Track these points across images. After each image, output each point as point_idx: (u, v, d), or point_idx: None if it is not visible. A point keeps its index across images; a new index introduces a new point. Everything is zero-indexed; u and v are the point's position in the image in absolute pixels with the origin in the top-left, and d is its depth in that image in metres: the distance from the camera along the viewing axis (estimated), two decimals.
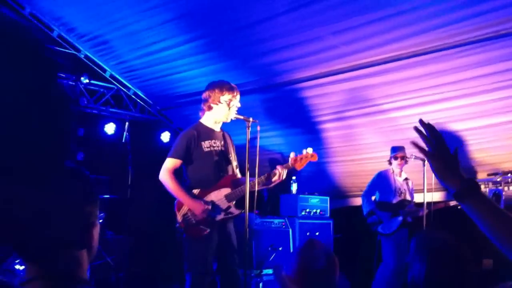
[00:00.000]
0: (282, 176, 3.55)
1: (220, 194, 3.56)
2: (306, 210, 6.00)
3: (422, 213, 4.99)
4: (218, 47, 5.01)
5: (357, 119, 5.67)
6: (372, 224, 5.27)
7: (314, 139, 6.06)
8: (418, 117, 1.40)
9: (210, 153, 3.61)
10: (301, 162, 3.61)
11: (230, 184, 3.60)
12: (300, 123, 6.11)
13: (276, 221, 5.67)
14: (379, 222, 5.21)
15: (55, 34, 5.44)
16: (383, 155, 5.64)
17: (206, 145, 3.61)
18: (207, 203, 3.49)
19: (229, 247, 3.61)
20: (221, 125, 3.77)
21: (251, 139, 3.44)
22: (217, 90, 3.60)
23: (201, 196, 3.54)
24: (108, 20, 4.91)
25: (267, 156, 6.59)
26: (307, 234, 5.75)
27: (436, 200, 5.39)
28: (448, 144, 1.36)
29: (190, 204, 3.48)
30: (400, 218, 5.13)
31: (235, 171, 3.74)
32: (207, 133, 3.66)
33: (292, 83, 5.33)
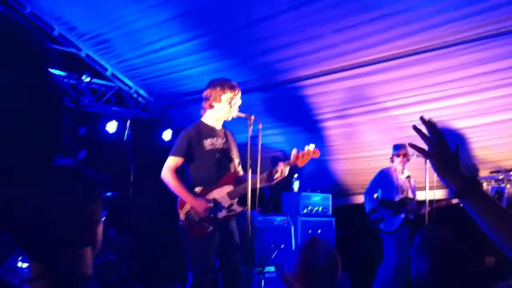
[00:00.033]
0: (284, 173, 3.55)
1: (223, 192, 3.56)
2: (308, 208, 6.01)
3: (424, 211, 4.99)
4: (219, 46, 5.00)
5: (359, 117, 5.67)
6: (374, 222, 5.27)
7: (316, 137, 6.05)
8: (420, 115, 1.40)
9: (212, 151, 3.61)
10: (303, 159, 3.61)
11: (233, 182, 3.60)
12: (302, 121, 6.11)
13: (278, 219, 5.67)
14: (381, 220, 5.21)
15: (56, 33, 5.45)
16: (385, 153, 5.64)
17: (208, 144, 3.61)
18: (209, 201, 3.49)
19: (232, 245, 3.61)
20: (223, 123, 3.76)
21: (253, 137, 3.44)
22: (219, 89, 3.59)
23: (204, 194, 3.54)
24: (109, 19, 4.91)
25: (269, 154, 6.59)
26: (309, 232, 5.75)
27: (438, 198, 5.38)
28: (449, 142, 1.36)
29: (193, 202, 3.48)
30: (402, 216, 5.13)
31: (237, 169, 3.73)
32: (209, 132, 3.66)
33: (293, 82, 5.32)
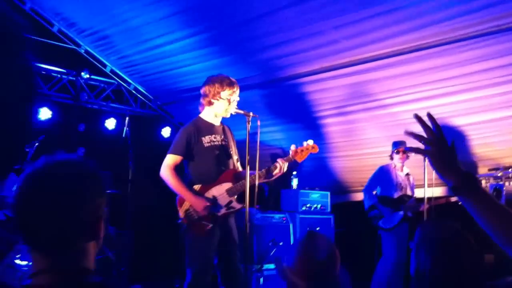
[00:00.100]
0: (283, 169, 3.53)
1: (222, 189, 3.54)
2: (307, 205, 6.00)
3: (423, 208, 4.99)
4: (219, 42, 4.99)
5: (359, 114, 5.65)
6: (373, 219, 5.27)
7: (315, 134, 6.03)
8: (420, 112, 1.38)
9: (211, 148, 3.59)
10: (302, 154, 3.59)
11: (232, 179, 3.58)
12: (301, 118, 6.09)
13: (277, 216, 5.67)
14: (380, 217, 5.21)
15: (56, 29, 5.44)
16: (385, 150, 5.63)
17: (207, 140, 3.59)
18: (209, 199, 3.48)
19: (230, 242, 3.59)
20: (221, 119, 3.75)
21: (252, 134, 3.43)
22: (217, 85, 3.57)
23: (203, 192, 3.52)
24: (109, 15, 4.89)
25: (268, 151, 6.58)
26: (308, 229, 5.75)
27: (437, 195, 5.38)
28: (447, 138, 1.35)
29: (192, 200, 3.46)
30: (401, 213, 5.13)
31: (236, 165, 3.71)
32: (207, 128, 3.64)
33: (293, 78, 5.31)
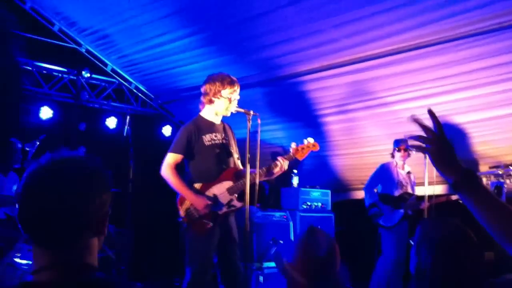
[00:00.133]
0: (284, 167, 3.53)
1: (222, 188, 3.54)
2: (307, 204, 6.00)
3: (423, 206, 4.98)
4: (219, 41, 4.99)
5: (359, 112, 5.65)
6: (374, 216, 5.26)
7: (316, 133, 6.03)
8: (420, 110, 1.39)
9: (211, 147, 3.58)
10: (303, 152, 3.60)
11: (232, 177, 3.58)
12: (302, 117, 6.09)
13: (277, 214, 5.67)
14: (380, 215, 5.20)
15: (56, 29, 5.44)
16: (385, 148, 5.62)
17: (207, 139, 3.59)
18: (209, 198, 3.48)
19: (230, 240, 3.59)
20: (222, 118, 3.74)
21: (253, 133, 3.43)
22: (218, 84, 3.56)
23: (203, 190, 3.52)
24: (109, 14, 4.90)
25: (269, 150, 6.58)
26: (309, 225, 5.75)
27: (438, 194, 5.37)
28: (446, 135, 1.35)
29: (193, 199, 3.46)
30: (402, 211, 5.12)
31: (237, 163, 3.71)
32: (208, 127, 3.64)
33: (294, 77, 5.31)
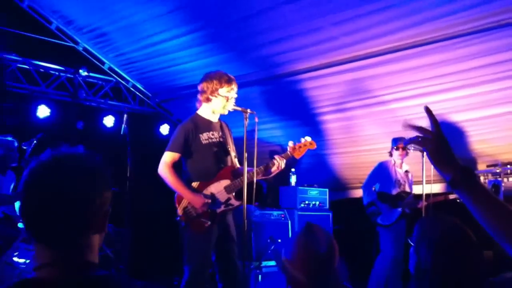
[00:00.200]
0: (281, 166, 3.53)
1: (220, 186, 3.54)
2: (305, 202, 6.01)
3: (421, 205, 4.98)
4: (217, 39, 4.98)
5: (357, 111, 5.65)
6: (371, 215, 5.26)
7: (314, 131, 6.04)
8: (418, 108, 1.39)
9: (209, 145, 3.57)
10: (300, 151, 3.60)
11: (230, 176, 3.57)
12: (300, 115, 6.09)
13: (275, 213, 5.67)
14: (378, 213, 5.21)
15: (54, 27, 5.42)
16: (383, 147, 5.62)
17: (205, 137, 3.58)
18: (207, 197, 3.47)
19: (228, 239, 3.59)
20: (219, 116, 3.73)
21: (250, 131, 3.42)
22: (216, 82, 3.55)
23: (201, 189, 3.51)
24: (107, 12, 4.88)
25: (267, 149, 6.57)
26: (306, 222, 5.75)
27: (436, 192, 5.38)
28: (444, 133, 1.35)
29: (190, 198, 3.45)
30: (399, 210, 5.13)
31: (234, 162, 3.70)
32: (205, 125, 3.63)
33: (292, 75, 5.30)
